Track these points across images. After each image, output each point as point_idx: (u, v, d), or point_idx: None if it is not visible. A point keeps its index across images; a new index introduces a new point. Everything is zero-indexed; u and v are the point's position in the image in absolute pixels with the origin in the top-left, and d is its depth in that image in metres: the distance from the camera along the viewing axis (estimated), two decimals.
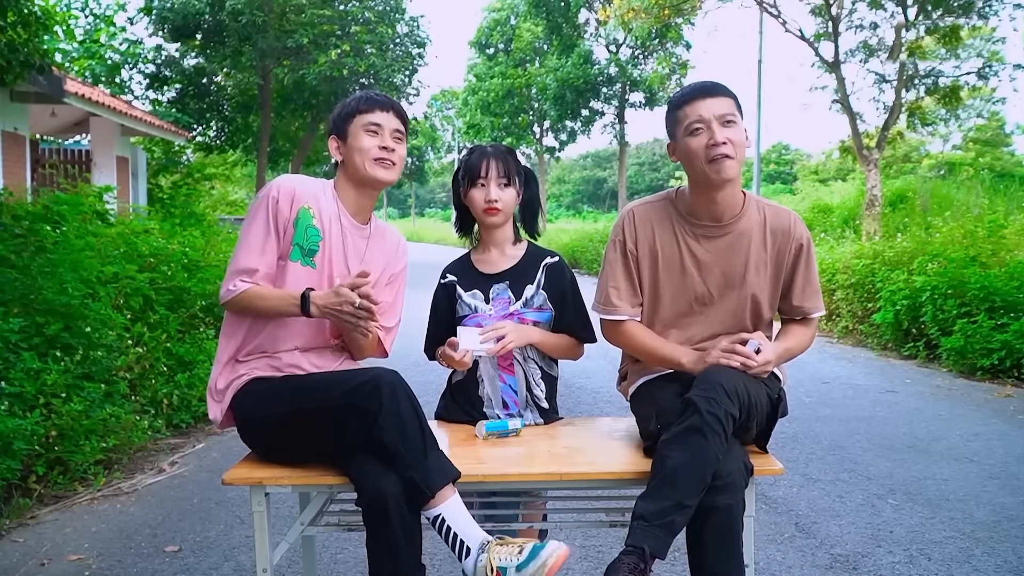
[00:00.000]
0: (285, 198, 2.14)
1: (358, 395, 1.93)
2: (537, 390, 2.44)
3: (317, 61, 17.71)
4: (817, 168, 37.21)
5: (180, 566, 3.03)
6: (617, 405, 5.37)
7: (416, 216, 61.74)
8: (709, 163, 2.09)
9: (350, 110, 2.23)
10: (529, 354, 2.42)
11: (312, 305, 2.07)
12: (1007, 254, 7.87)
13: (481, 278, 2.44)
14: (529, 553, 1.80)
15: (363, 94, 2.27)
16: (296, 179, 2.22)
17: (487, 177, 2.36)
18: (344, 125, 2.22)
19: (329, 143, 2.25)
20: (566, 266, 2.50)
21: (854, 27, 13.34)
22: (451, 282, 2.46)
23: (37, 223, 5.03)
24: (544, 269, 2.43)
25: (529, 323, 2.40)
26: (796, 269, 2.24)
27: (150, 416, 4.64)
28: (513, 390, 2.41)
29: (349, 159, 2.22)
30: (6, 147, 9.70)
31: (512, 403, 2.42)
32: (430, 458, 1.90)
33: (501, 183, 2.37)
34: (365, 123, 2.20)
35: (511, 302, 2.40)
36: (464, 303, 2.42)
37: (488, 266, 2.45)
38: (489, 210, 2.37)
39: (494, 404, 2.42)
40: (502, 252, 2.46)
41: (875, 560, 3.05)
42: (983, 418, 5.30)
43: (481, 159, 2.38)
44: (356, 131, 2.20)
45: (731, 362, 2.07)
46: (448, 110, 49.35)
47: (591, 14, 26.07)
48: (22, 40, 5.64)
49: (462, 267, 2.49)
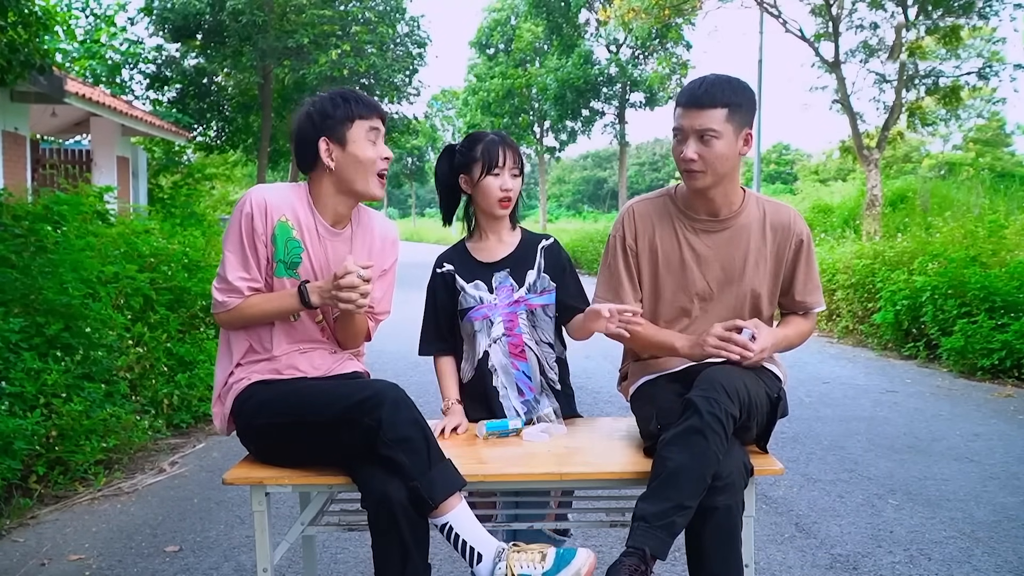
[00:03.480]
0: (259, 213, 2.08)
1: (359, 410, 1.91)
2: (551, 373, 2.42)
3: (318, 61, 17.72)
4: (817, 168, 37.22)
5: (180, 566, 3.03)
6: (617, 405, 5.37)
7: (416, 216, 61.69)
8: (682, 171, 2.17)
9: (349, 114, 2.09)
10: (542, 337, 2.41)
11: (311, 294, 2.05)
12: (1007, 254, 7.86)
13: (481, 267, 2.42)
14: (556, 560, 1.78)
15: (353, 94, 2.12)
16: (269, 190, 2.13)
17: (503, 166, 2.34)
18: (341, 129, 2.09)
19: (319, 145, 2.09)
20: (561, 247, 2.49)
21: (854, 27, 13.34)
22: (449, 271, 2.43)
23: (37, 223, 5.02)
24: (542, 251, 2.43)
25: (536, 307, 2.39)
26: (797, 264, 2.25)
27: (150, 416, 4.64)
28: (527, 376, 2.39)
29: (345, 168, 2.10)
30: (6, 147, 9.70)
31: (527, 389, 2.39)
32: (434, 470, 1.87)
33: (514, 172, 2.37)
34: (366, 130, 2.10)
35: (514, 290, 2.39)
36: (468, 295, 2.39)
37: (486, 254, 2.43)
38: (504, 200, 2.36)
39: (509, 393, 2.39)
40: (500, 240, 2.44)
41: (875, 560, 3.05)
42: (983, 418, 5.30)
43: (498, 148, 2.34)
44: (357, 138, 2.09)
45: (728, 355, 2.07)
46: (448, 110, 49.28)
47: (591, 14, 26.06)
48: (22, 40, 5.64)
49: (459, 256, 2.45)
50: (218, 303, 2.11)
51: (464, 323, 2.40)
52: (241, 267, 2.09)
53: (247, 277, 2.10)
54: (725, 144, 2.11)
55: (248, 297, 2.10)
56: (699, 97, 2.11)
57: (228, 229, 2.11)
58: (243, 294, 2.10)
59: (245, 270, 2.09)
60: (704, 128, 2.09)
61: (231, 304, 2.09)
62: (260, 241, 2.09)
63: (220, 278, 2.11)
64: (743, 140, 2.14)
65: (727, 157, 2.12)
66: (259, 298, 2.11)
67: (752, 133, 2.16)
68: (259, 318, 2.12)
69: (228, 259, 2.10)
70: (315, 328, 2.21)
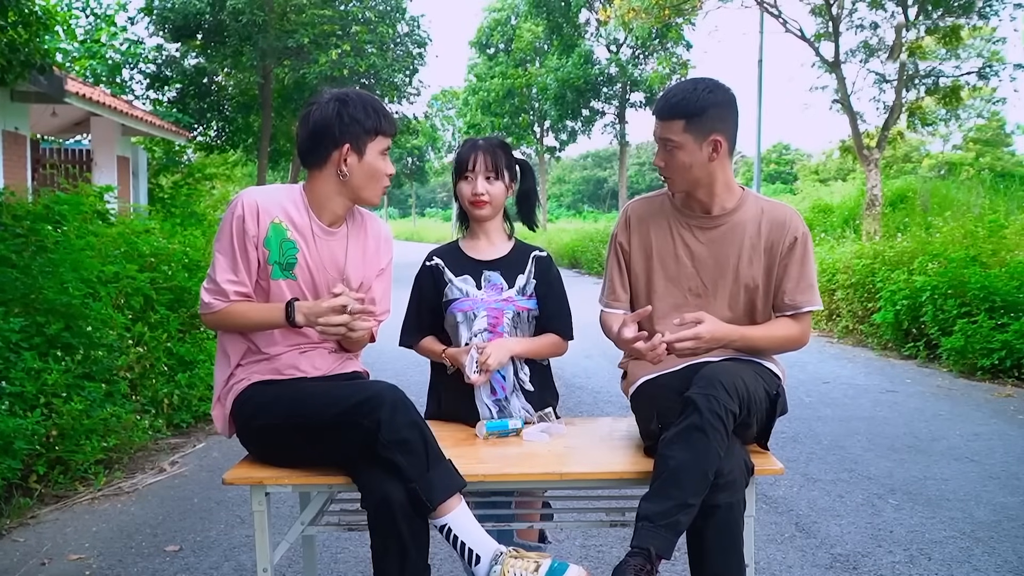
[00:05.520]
0: (251, 216, 2.08)
1: (358, 413, 1.91)
2: (522, 373, 2.44)
3: (318, 61, 17.73)
4: (817, 168, 37.26)
5: (180, 566, 3.03)
6: (617, 405, 5.37)
7: (416, 216, 61.72)
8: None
9: (377, 127, 2.12)
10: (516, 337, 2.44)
11: (298, 313, 2.04)
12: (1007, 254, 7.86)
13: (471, 263, 2.46)
14: (548, 572, 1.80)
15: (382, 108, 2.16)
16: (260, 192, 2.14)
17: (474, 171, 2.40)
18: (365, 139, 2.11)
19: (341, 148, 2.09)
20: (552, 261, 2.54)
21: (854, 27, 13.35)
22: (437, 265, 2.46)
23: (38, 223, 5.02)
24: (534, 260, 2.48)
25: (524, 311, 2.43)
26: (790, 261, 2.24)
27: (151, 416, 4.64)
28: (501, 375, 2.41)
29: (358, 177, 2.13)
30: (7, 147, 9.71)
31: (500, 388, 2.42)
32: (433, 471, 1.88)
33: (489, 176, 2.40)
34: (384, 147, 2.15)
35: (504, 288, 2.42)
36: (455, 287, 2.43)
37: (478, 253, 2.48)
38: (475, 203, 2.41)
39: (482, 389, 2.40)
40: (491, 242, 2.49)
41: (875, 560, 3.05)
42: (983, 418, 5.30)
43: (470, 152, 2.42)
44: (375, 153, 2.13)
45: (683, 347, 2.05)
46: (448, 110, 49.33)
47: (591, 14, 26.09)
48: (23, 40, 5.64)
49: (450, 252, 2.50)
50: (204, 304, 2.11)
51: (448, 314, 2.43)
52: (230, 269, 2.09)
53: (235, 280, 2.09)
54: (686, 154, 2.13)
55: (235, 303, 2.09)
56: (660, 108, 2.16)
57: (220, 231, 2.12)
58: (228, 298, 2.09)
59: (234, 272, 2.09)
60: (665, 138, 2.15)
61: (216, 307, 2.09)
62: (251, 244, 2.08)
63: (209, 279, 2.12)
64: (711, 147, 2.12)
65: (690, 166, 2.14)
66: (246, 306, 2.10)
67: (721, 139, 2.12)
68: (244, 326, 2.12)
69: (218, 260, 2.10)
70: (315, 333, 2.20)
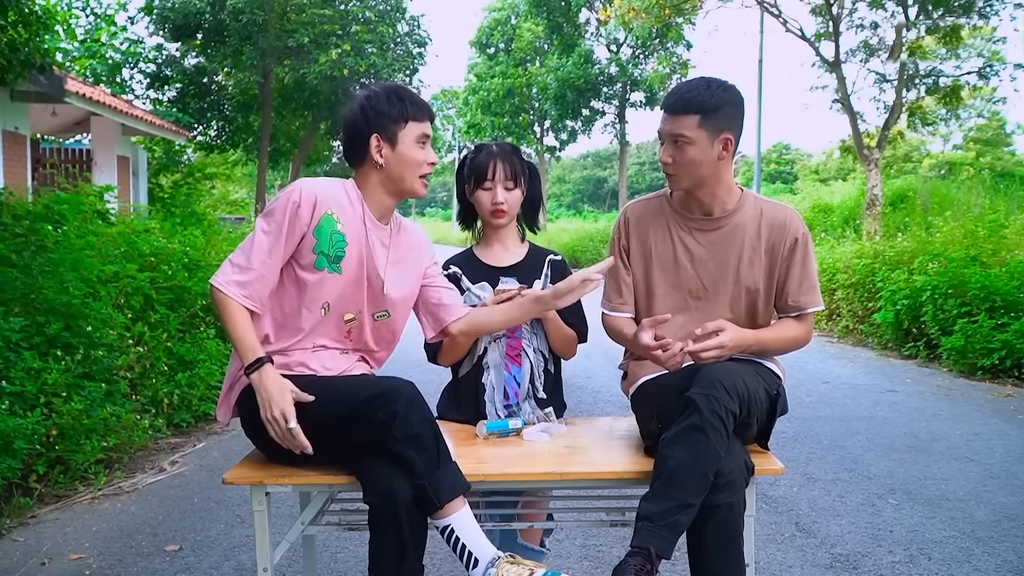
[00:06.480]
0: (307, 204, 2.07)
1: (373, 406, 1.90)
2: (538, 382, 2.44)
3: (318, 60, 17.75)
4: (817, 168, 37.27)
5: (180, 565, 3.03)
6: (617, 405, 5.37)
7: (416, 215, 61.73)
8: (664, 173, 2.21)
9: (403, 114, 2.12)
10: (539, 346, 2.44)
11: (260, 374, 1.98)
12: (1008, 254, 7.86)
13: (488, 270, 2.45)
14: None
15: (408, 93, 2.16)
16: (318, 184, 2.14)
17: (494, 180, 2.38)
18: (394, 128, 2.12)
19: (371, 141, 2.12)
20: (567, 265, 2.54)
21: (855, 27, 13.36)
22: (454, 273, 2.46)
23: (38, 222, 5.02)
24: (549, 264, 2.47)
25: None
26: (791, 263, 2.24)
27: (151, 415, 4.64)
28: (516, 381, 2.41)
29: (394, 167, 2.14)
30: (7, 146, 9.71)
31: (513, 394, 2.42)
32: (442, 470, 1.88)
33: (508, 185, 2.39)
34: (418, 134, 2.15)
35: None
36: (472, 294, 2.42)
37: (494, 260, 2.47)
38: (496, 212, 2.39)
39: (496, 393, 2.41)
40: (506, 248, 2.48)
41: (875, 560, 3.05)
42: (983, 418, 5.30)
43: (488, 160, 2.38)
44: (408, 140, 2.13)
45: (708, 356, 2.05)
46: (449, 110, 49.32)
47: (592, 14, 26.09)
48: (23, 39, 5.63)
49: (466, 260, 2.50)
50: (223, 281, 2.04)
51: None
52: (268, 252, 2.06)
53: (263, 264, 2.05)
54: (698, 150, 2.12)
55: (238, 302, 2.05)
56: (673, 103, 2.14)
57: (271, 209, 2.09)
58: (243, 287, 2.05)
59: (269, 255, 2.06)
60: (677, 133, 2.12)
61: (228, 291, 2.04)
62: (301, 230, 2.07)
63: (242, 253, 2.07)
64: (721, 145, 2.13)
65: (700, 163, 2.13)
66: (241, 316, 2.05)
67: (732, 138, 2.13)
68: (225, 325, 2.08)
69: (259, 239, 2.06)
70: (339, 331, 2.19)
